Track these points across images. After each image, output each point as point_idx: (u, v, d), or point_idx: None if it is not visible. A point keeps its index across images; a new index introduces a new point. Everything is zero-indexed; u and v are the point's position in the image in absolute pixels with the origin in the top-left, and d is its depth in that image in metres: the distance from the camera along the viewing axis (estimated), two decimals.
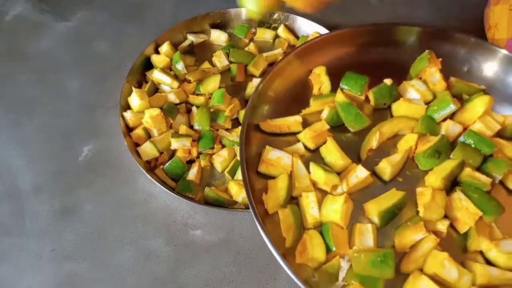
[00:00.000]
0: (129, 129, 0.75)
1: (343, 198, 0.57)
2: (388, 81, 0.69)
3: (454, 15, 0.92)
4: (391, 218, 0.58)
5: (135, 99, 0.75)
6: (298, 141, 0.65)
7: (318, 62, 0.71)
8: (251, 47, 0.86)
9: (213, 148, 0.73)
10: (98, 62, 0.87)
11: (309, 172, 0.61)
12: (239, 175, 0.71)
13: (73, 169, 0.74)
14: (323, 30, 0.84)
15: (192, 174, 0.71)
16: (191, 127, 0.76)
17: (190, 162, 0.73)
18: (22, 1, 0.97)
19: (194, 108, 0.77)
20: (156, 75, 0.79)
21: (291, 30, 0.89)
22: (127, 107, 0.76)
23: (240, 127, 0.75)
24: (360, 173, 0.60)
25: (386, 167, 0.61)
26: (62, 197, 0.71)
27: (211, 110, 0.76)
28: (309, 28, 0.86)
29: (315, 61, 0.71)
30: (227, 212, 0.68)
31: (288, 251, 0.55)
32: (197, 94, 0.79)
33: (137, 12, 0.95)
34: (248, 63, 0.83)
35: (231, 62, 0.84)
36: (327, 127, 0.65)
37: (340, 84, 0.69)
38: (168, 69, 0.82)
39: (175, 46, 0.85)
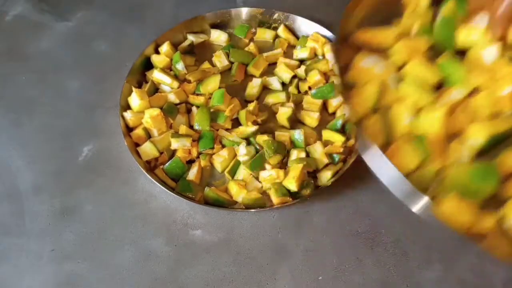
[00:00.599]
0: (129, 129, 0.75)
1: (444, 108, 0.50)
2: None
3: None
4: (497, 145, 0.50)
5: (135, 99, 0.75)
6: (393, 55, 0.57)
7: None
8: (251, 47, 0.86)
9: (213, 148, 0.73)
10: (98, 62, 0.87)
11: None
12: (239, 175, 0.71)
13: (73, 169, 0.74)
14: (323, 30, 0.85)
15: (192, 174, 0.71)
16: (191, 127, 0.76)
17: (190, 162, 0.73)
18: (22, 1, 0.97)
19: (194, 108, 0.77)
20: (156, 75, 0.79)
21: (291, 30, 0.89)
22: (127, 107, 0.76)
23: (240, 127, 0.75)
24: (456, 94, 0.53)
25: None
26: (62, 197, 0.71)
27: (211, 110, 0.76)
28: (309, 28, 0.86)
29: None
30: (227, 212, 0.68)
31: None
32: (197, 94, 0.79)
33: (137, 12, 0.95)
34: (248, 63, 0.83)
35: (231, 63, 0.84)
36: (427, 44, 0.56)
37: None
38: (168, 69, 0.82)
39: (175, 46, 0.85)
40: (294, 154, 0.71)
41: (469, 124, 0.51)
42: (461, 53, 0.57)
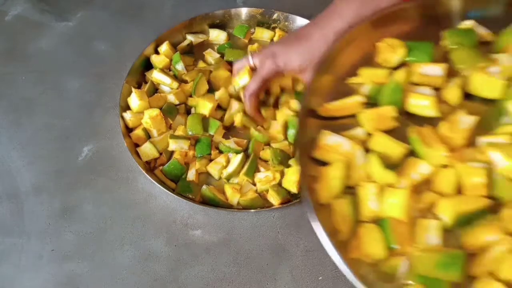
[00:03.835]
0: (128, 130, 0.75)
1: (406, 192, 0.49)
2: (465, 25, 0.60)
3: None
4: (466, 224, 0.49)
5: (135, 100, 0.75)
6: (357, 124, 0.57)
7: (385, 36, 0.61)
8: (251, 48, 0.86)
9: (210, 154, 0.72)
10: (98, 62, 0.87)
11: (367, 162, 0.53)
12: (234, 179, 0.71)
13: (73, 169, 0.74)
14: None
15: (192, 174, 0.71)
16: None
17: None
18: (22, 1, 0.97)
19: (193, 110, 0.77)
20: (156, 75, 0.79)
21: (290, 30, 0.88)
22: (127, 107, 0.76)
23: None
24: (423, 169, 0.52)
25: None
26: (62, 197, 0.71)
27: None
28: None
29: (382, 35, 0.61)
30: (227, 212, 0.68)
31: (340, 245, 0.48)
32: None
33: (137, 12, 0.95)
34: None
35: (222, 56, 0.84)
36: (394, 113, 0.55)
37: (406, 58, 0.60)
38: (167, 70, 0.82)
39: (174, 46, 0.85)
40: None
41: (437, 201, 0.50)
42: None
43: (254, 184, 0.70)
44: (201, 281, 0.64)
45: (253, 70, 0.72)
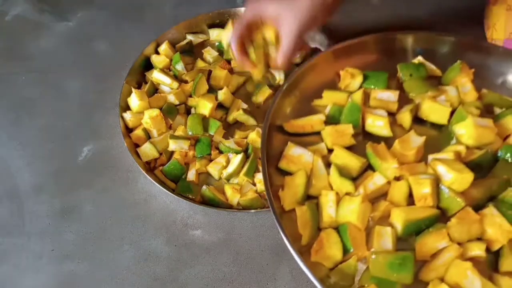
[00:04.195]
0: (129, 130, 0.75)
1: (359, 198, 0.55)
2: (416, 60, 0.69)
3: (455, 14, 0.92)
4: (416, 232, 0.55)
5: (135, 100, 0.75)
6: (321, 141, 0.64)
7: (347, 65, 0.70)
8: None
9: (210, 154, 0.72)
10: (98, 62, 0.87)
11: (328, 173, 0.60)
12: (234, 179, 0.71)
13: (73, 169, 0.74)
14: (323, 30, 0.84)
15: (192, 174, 0.71)
16: None
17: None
18: (22, 1, 0.97)
19: (193, 110, 0.77)
20: (156, 76, 0.79)
21: None
22: (127, 107, 0.76)
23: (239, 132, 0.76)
24: (378, 180, 0.58)
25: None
26: (62, 197, 0.71)
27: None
28: None
29: (345, 64, 0.70)
30: (227, 212, 0.68)
31: (303, 249, 0.54)
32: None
33: (137, 12, 0.95)
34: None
35: (221, 54, 0.84)
36: (352, 130, 0.62)
37: (363, 85, 0.69)
38: (167, 70, 0.82)
39: (174, 46, 0.85)
40: None
41: (391, 209, 0.56)
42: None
43: (254, 184, 0.70)
44: (201, 281, 0.64)
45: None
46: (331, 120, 0.65)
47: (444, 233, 0.53)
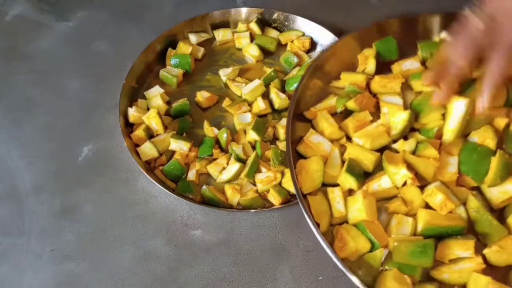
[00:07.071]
0: (129, 130, 0.75)
1: (360, 196, 0.56)
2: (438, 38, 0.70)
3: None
4: (436, 236, 0.55)
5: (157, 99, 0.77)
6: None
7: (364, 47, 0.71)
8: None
9: (211, 155, 0.73)
10: (98, 62, 0.87)
11: (342, 165, 0.61)
12: (234, 179, 0.71)
13: (73, 169, 0.74)
14: (323, 30, 0.84)
15: (192, 174, 0.71)
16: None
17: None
18: (22, 1, 0.97)
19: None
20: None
21: (289, 30, 0.89)
22: (127, 107, 0.76)
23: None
24: (384, 182, 0.59)
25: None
26: (62, 197, 0.71)
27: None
28: (309, 28, 0.86)
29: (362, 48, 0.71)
30: (227, 212, 0.68)
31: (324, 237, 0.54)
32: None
33: (137, 12, 0.95)
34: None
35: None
36: (370, 118, 0.63)
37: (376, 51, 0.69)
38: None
39: (173, 46, 0.85)
40: None
41: (417, 211, 0.57)
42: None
43: (254, 184, 0.70)
44: (201, 281, 0.64)
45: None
46: (348, 96, 0.65)
47: (471, 245, 0.53)
